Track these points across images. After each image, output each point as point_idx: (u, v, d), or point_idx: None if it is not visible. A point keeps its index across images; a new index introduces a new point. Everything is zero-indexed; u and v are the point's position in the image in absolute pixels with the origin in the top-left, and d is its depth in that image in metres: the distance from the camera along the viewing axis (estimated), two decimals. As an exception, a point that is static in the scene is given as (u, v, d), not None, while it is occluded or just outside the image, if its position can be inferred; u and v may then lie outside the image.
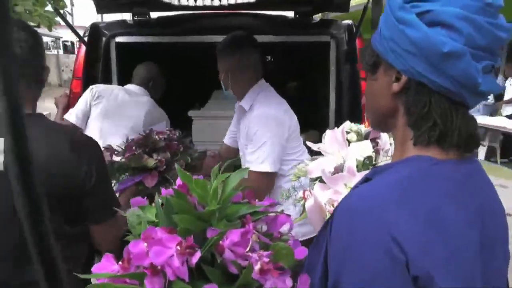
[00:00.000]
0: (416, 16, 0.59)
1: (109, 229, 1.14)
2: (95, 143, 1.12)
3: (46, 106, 11.45)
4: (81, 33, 2.22)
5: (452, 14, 0.57)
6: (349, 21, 2.20)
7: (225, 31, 2.19)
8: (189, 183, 0.89)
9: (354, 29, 2.17)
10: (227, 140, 2.02)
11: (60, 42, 22.77)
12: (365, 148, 1.21)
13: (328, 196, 1.09)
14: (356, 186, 0.66)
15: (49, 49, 27.70)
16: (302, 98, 2.86)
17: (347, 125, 1.32)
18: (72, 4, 11.70)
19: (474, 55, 0.58)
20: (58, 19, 8.28)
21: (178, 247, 0.73)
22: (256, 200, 0.95)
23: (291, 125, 1.61)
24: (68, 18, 9.62)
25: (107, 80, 2.25)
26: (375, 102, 0.70)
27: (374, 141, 1.27)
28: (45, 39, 25.74)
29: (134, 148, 1.50)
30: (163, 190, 0.93)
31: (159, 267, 0.72)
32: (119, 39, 2.24)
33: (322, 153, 1.27)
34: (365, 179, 0.66)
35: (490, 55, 0.60)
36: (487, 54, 0.59)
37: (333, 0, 2.14)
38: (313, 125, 2.45)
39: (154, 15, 2.37)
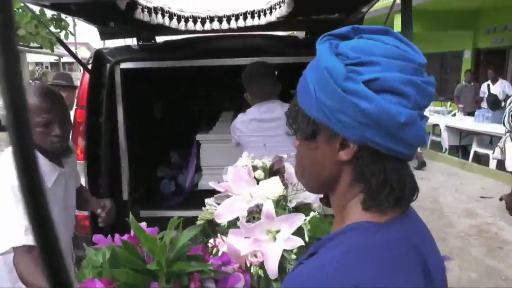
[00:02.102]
0: (364, 85, 0.55)
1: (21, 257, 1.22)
2: None
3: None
4: (84, 50, 2.14)
5: (398, 80, 0.56)
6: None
7: (234, 54, 2.11)
8: (140, 235, 0.90)
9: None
10: None
11: (60, 61, 22.90)
12: (276, 186, 1.12)
13: (249, 247, 1.02)
14: (300, 263, 0.62)
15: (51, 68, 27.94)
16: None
17: (246, 160, 1.26)
18: (75, 24, 11.76)
19: (420, 116, 0.58)
20: (62, 37, 8.28)
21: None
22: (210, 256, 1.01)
23: (242, 133, 2.02)
24: (71, 37, 9.62)
25: (112, 108, 2.16)
26: (313, 171, 0.66)
27: (281, 175, 1.20)
28: (47, 58, 25.96)
29: None
30: (116, 238, 0.93)
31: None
32: (124, 65, 2.16)
33: (229, 193, 1.18)
34: (310, 254, 0.62)
35: (423, 111, 0.60)
36: (424, 111, 0.60)
37: (345, 19, 2.06)
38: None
39: (159, 39, 2.29)
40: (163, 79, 3.00)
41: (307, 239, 1.01)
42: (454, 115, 8.27)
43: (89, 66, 2.13)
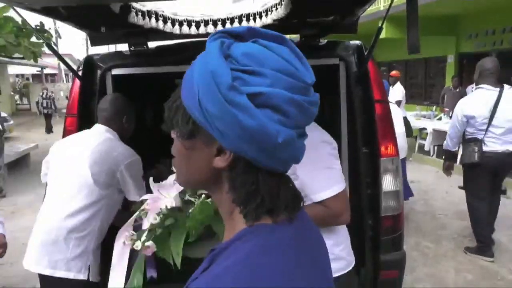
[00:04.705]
0: (248, 97, 0.53)
1: None
2: None
3: (31, 136, 11.08)
4: (67, 61, 2.08)
5: (283, 98, 0.55)
6: (358, 42, 2.11)
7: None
8: None
9: (364, 49, 2.07)
10: None
11: (43, 72, 22.52)
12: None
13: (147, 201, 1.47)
14: (195, 277, 0.59)
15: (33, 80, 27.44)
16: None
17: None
18: (59, 37, 11.61)
19: (299, 135, 0.59)
20: (45, 48, 8.12)
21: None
22: None
23: None
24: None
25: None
26: (189, 170, 0.64)
27: None
28: (29, 70, 25.51)
29: None
30: None
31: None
32: (116, 71, 2.10)
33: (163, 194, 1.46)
34: (204, 268, 0.59)
35: (304, 129, 0.60)
36: (303, 129, 0.60)
37: (340, 22, 2.05)
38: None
39: (151, 44, 2.24)
40: (155, 85, 2.94)
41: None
42: (440, 119, 8.39)
43: (79, 73, 2.08)
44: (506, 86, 3.51)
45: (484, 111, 3.45)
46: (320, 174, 1.37)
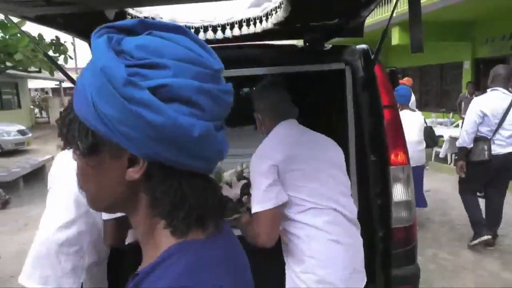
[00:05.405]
0: (150, 92, 0.47)
1: None
2: None
3: (48, 149, 11.24)
4: None
5: (191, 88, 0.49)
6: (364, 46, 2.03)
7: (232, 65, 2.02)
8: None
9: (371, 53, 1.99)
10: None
11: (61, 86, 23.04)
12: None
13: None
14: None
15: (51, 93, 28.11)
16: (318, 131, 2.66)
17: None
18: (74, 47, 11.88)
19: (217, 127, 0.53)
20: (61, 62, 8.29)
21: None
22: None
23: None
24: (71, 61, 9.66)
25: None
26: (103, 192, 0.56)
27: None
28: (48, 84, 26.16)
29: None
30: None
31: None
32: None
33: None
34: None
35: (222, 121, 0.56)
36: (221, 121, 0.55)
37: (345, 26, 1.98)
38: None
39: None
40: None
41: None
42: (457, 125, 8.17)
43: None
44: None
45: (498, 111, 3.59)
46: (253, 189, 1.47)
